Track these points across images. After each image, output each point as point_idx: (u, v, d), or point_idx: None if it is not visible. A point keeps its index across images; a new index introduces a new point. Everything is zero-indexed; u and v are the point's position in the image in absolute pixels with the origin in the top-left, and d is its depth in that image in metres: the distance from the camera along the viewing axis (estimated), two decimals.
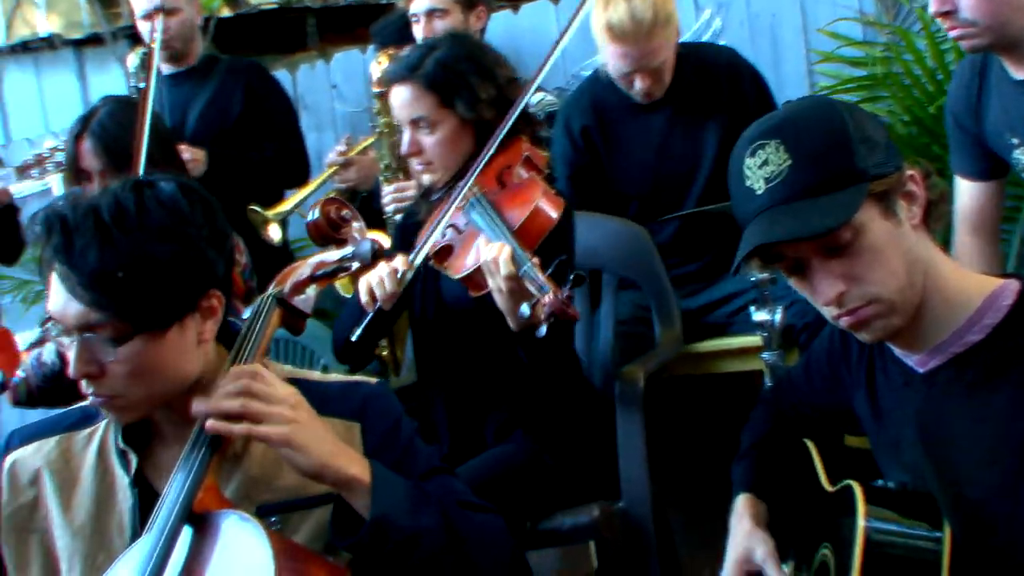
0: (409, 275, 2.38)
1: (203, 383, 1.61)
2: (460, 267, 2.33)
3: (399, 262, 2.38)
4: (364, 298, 2.39)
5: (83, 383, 1.58)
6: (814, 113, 1.60)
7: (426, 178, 2.60)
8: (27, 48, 5.74)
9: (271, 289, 1.78)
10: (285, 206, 3.76)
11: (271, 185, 3.97)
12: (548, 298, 2.06)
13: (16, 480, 1.70)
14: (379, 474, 1.54)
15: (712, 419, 3.45)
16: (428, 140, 2.54)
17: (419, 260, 2.41)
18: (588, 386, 2.74)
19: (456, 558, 1.57)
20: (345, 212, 1.85)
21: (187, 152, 3.43)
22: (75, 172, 2.94)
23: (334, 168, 3.76)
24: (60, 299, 1.54)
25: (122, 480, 1.66)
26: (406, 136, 2.56)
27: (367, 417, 1.65)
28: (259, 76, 4.02)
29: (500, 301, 2.22)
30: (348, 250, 1.80)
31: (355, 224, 1.85)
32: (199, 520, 1.49)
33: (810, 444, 1.90)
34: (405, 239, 2.61)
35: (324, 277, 1.80)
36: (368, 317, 2.39)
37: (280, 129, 3.98)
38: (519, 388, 2.50)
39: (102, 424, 1.71)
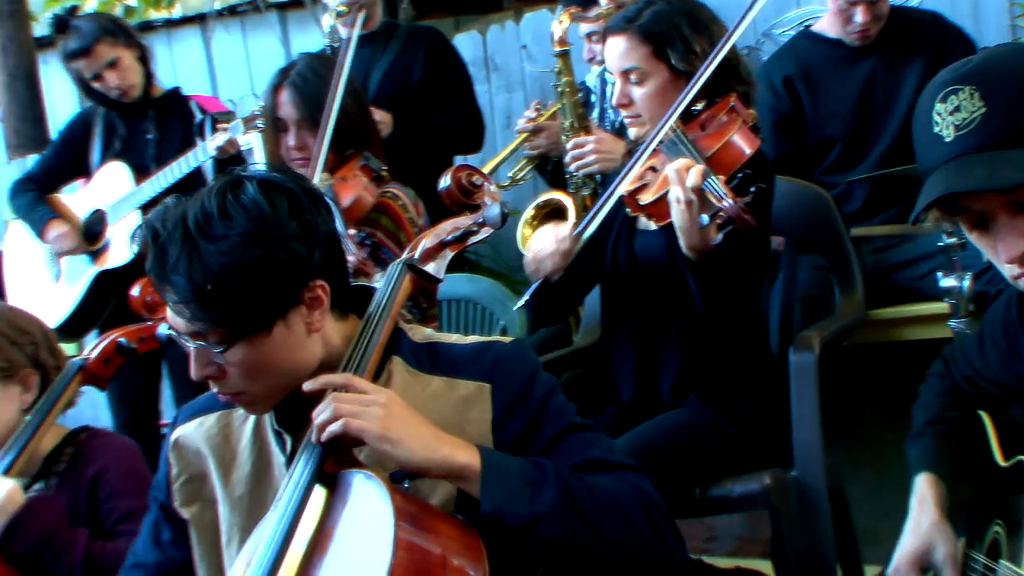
0: (576, 248, 2.42)
1: (333, 360, 1.64)
2: (649, 197, 2.36)
3: (564, 230, 2.42)
4: (530, 268, 2.44)
5: (209, 383, 1.64)
6: (1014, 61, 1.49)
7: (633, 132, 2.62)
8: (234, 12, 6.00)
9: (403, 256, 1.81)
10: (492, 162, 3.81)
11: (447, 149, 4.04)
12: (726, 204, 2.12)
13: (183, 453, 1.79)
14: (488, 462, 1.52)
15: (896, 388, 3.34)
16: (638, 92, 2.56)
17: (608, 207, 2.45)
18: (765, 348, 2.71)
19: (582, 531, 1.53)
20: (476, 178, 1.85)
21: (377, 114, 3.52)
22: (272, 123, 3.05)
23: (524, 135, 3.79)
24: (170, 311, 1.61)
25: (278, 458, 1.72)
26: (617, 87, 2.59)
27: (497, 377, 1.64)
28: (439, 42, 4.09)
29: (678, 215, 2.22)
30: (478, 216, 1.82)
31: (488, 188, 1.86)
32: (330, 480, 1.53)
33: (985, 416, 1.82)
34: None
35: (454, 242, 1.82)
36: (533, 287, 2.45)
37: (459, 95, 4.04)
38: (698, 345, 2.51)
39: None
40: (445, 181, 1.85)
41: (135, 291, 2.46)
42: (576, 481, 1.56)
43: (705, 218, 2.14)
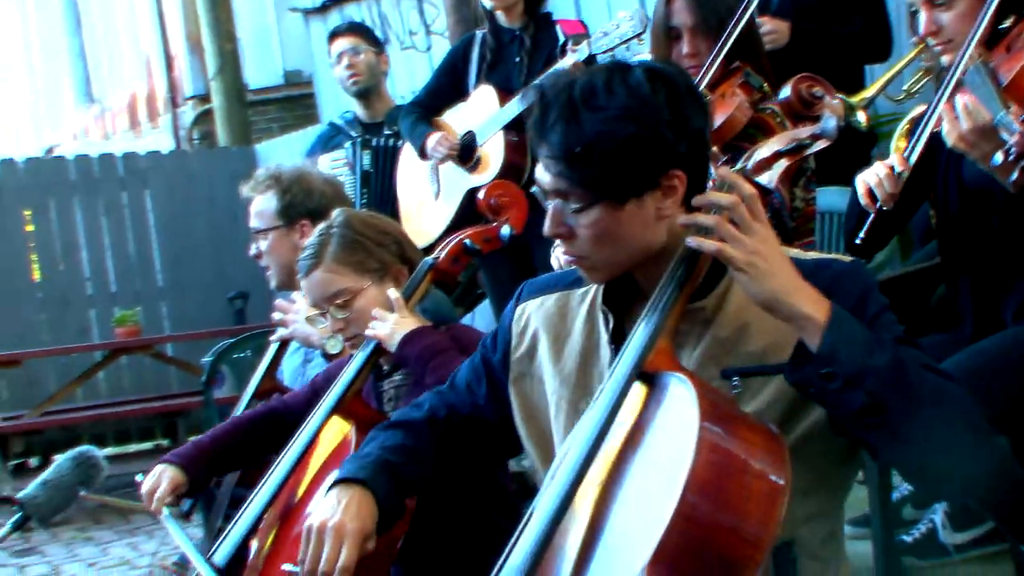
0: (905, 175, 2.34)
1: (671, 252, 1.71)
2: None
3: (894, 160, 2.35)
4: (863, 200, 2.40)
5: (557, 241, 1.77)
6: None
7: (945, 59, 2.51)
8: None
9: (737, 165, 1.84)
10: (869, 92, 3.71)
11: (854, 60, 3.91)
12: (1016, 139, 1.99)
13: (524, 327, 1.93)
14: (836, 314, 1.57)
15: None
16: (945, 16, 2.47)
17: (919, 147, 2.35)
18: None
19: (903, 401, 1.54)
20: (817, 89, 1.85)
21: (769, 23, 3.50)
22: (665, 32, 3.06)
23: (920, 47, 3.64)
24: (539, 166, 1.74)
25: (603, 337, 1.82)
26: (923, 16, 2.50)
27: (834, 293, 1.64)
28: None
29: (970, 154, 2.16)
30: (816, 128, 1.81)
31: (829, 100, 1.85)
32: (650, 379, 1.60)
33: None
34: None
35: (788, 153, 1.82)
36: (870, 219, 2.41)
37: (866, 2, 3.90)
38: None
39: (596, 286, 1.87)
40: (785, 92, 1.87)
41: (481, 194, 2.63)
42: (911, 359, 1.58)
43: (998, 157, 2.00)
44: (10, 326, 7.76)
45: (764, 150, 1.83)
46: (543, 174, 1.73)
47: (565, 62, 3.78)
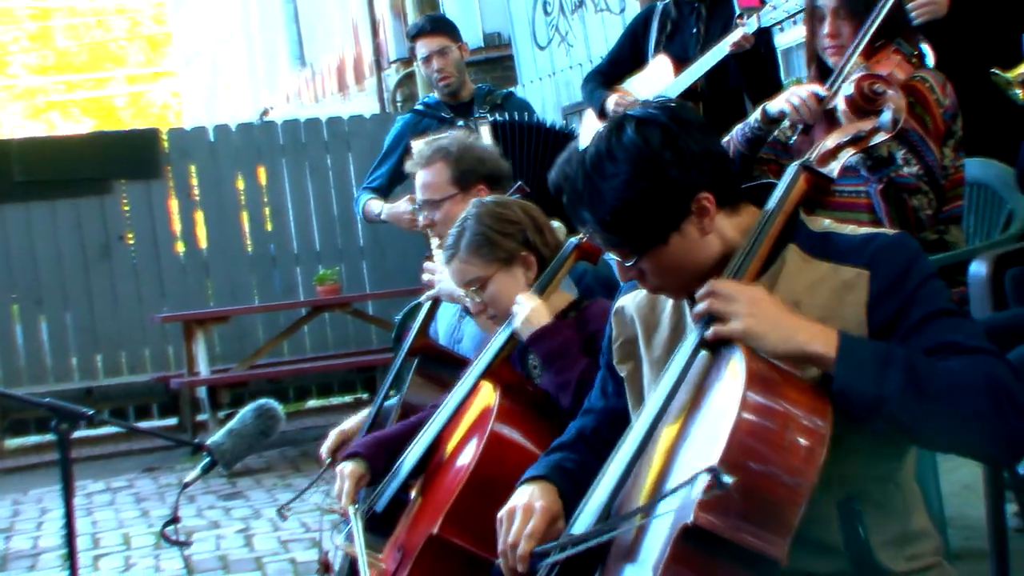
0: None
1: (732, 250, 1.90)
2: None
3: None
4: None
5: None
6: None
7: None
8: None
9: (804, 156, 1.99)
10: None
11: (1014, 28, 3.85)
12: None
13: (622, 319, 2.14)
14: (844, 347, 1.71)
15: None
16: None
17: None
18: None
19: (923, 411, 1.67)
20: (878, 86, 1.98)
21: None
22: (810, 13, 3.17)
23: None
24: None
25: (690, 327, 1.99)
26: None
27: (877, 264, 1.79)
28: None
29: None
30: (875, 121, 1.93)
31: (891, 94, 1.96)
32: (715, 347, 1.80)
33: None
34: None
35: (849, 143, 1.98)
36: None
37: None
38: None
39: None
40: (848, 89, 1.99)
41: None
42: (924, 364, 1.70)
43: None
44: (224, 284, 8.38)
45: (828, 142, 1.96)
46: (594, 240, 1.97)
47: (735, 35, 3.87)
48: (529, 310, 2.64)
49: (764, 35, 3.98)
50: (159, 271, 8.28)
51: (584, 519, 1.80)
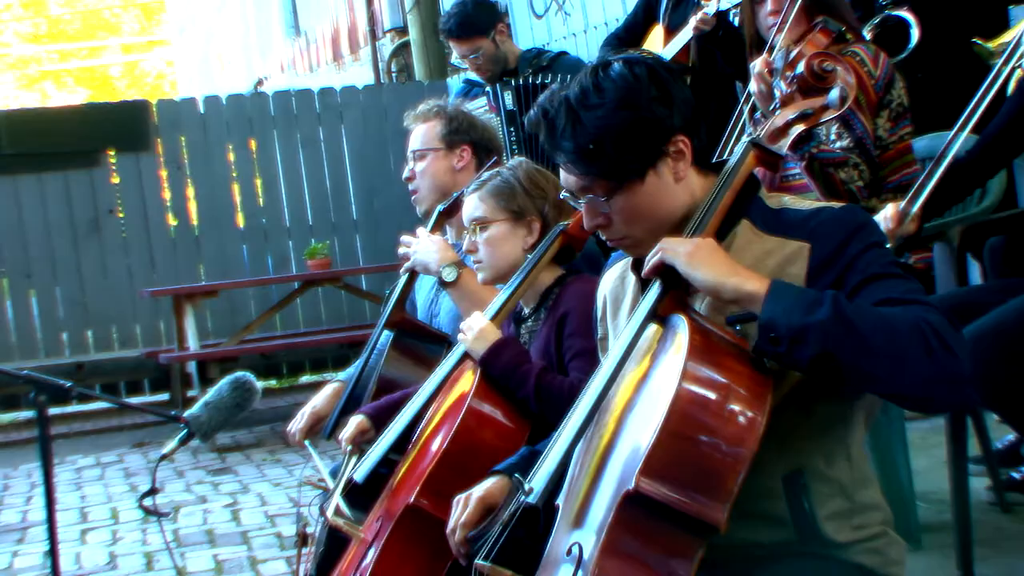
0: None
1: (692, 213, 1.97)
2: None
3: None
4: None
5: (598, 233, 2.05)
6: None
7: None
8: None
9: (750, 135, 2.06)
10: (1006, 36, 3.74)
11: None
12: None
13: (603, 296, 2.25)
14: (775, 286, 1.78)
15: None
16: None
17: None
18: None
19: (849, 345, 1.71)
20: (827, 64, 2.04)
21: None
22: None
23: None
24: (562, 172, 2.04)
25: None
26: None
27: (816, 238, 1.88)
28: None
29: None
30: (823, 99, 2.01)
31: (840, 72, 2.03)
32: (663, 320, 1.89)
33: None
34: None
35: (797, 121, 2.05)
36: None
37: None
38: None
39: None
40: (799, 68, 2.06)
41: None
42: (854, 305, 1.76)
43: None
44: (215, 258, 8.47)
45: (778, 120, 2.04)
46: (568, 178, 2.03)
47: (697, 16, 4.00)
48: (475, 334, 2.71)
49: (723, 17, 4.11)
50: (149, 245, 8.39)
51: (536, 484, 1.88)
